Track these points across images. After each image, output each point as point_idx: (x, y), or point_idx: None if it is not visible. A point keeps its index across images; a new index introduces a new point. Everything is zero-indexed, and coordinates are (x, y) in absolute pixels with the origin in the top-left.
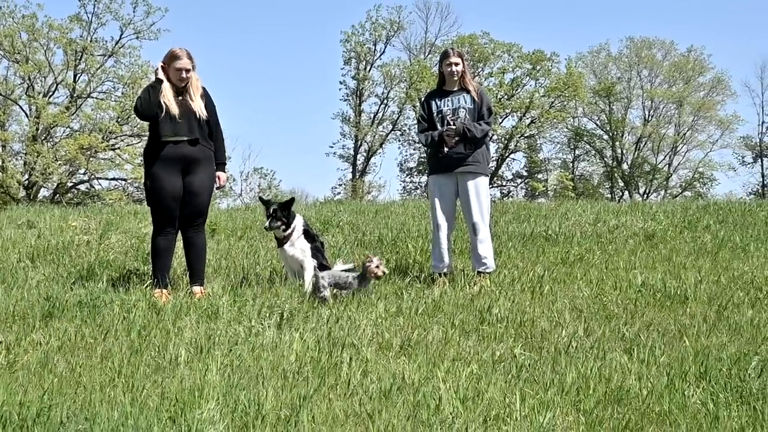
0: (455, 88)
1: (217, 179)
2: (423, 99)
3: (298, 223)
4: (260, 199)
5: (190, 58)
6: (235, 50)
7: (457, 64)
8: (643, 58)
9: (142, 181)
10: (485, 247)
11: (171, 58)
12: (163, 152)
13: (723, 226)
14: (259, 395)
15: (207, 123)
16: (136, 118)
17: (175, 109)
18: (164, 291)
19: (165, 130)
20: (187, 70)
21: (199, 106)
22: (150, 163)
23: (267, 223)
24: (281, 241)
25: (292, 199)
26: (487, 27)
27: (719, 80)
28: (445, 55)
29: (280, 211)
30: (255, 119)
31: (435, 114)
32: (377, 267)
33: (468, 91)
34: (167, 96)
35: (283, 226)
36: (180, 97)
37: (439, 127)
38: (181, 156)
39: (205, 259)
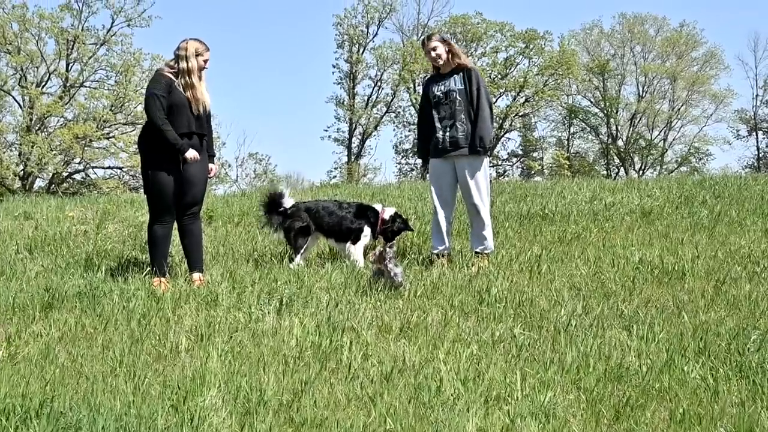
0: (448, 71)
1: (209, 170)
2: (423, 85)
3: None
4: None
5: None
6: (227, 35)
7: (435, 49)
8: (636, 34)
9: (140, 168)
10: (485, 228)
11: (196, 51)
12: (175, 158)
13: (719, 200)
14: (261, 381)
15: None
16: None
17: (199, 105)
18: (163, 279)
19: (181, 124)
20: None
21: (208, 101)
22: (153, 151)
23: None
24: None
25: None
26: (479, 7)
27: (712, 54)
28: (422, 45)
29: None
30: (249, 104)
31: (432, 99)
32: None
33: (459, 73)
34: (193, 90)
35: None
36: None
37: (434, 113)
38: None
39: (202, 246)
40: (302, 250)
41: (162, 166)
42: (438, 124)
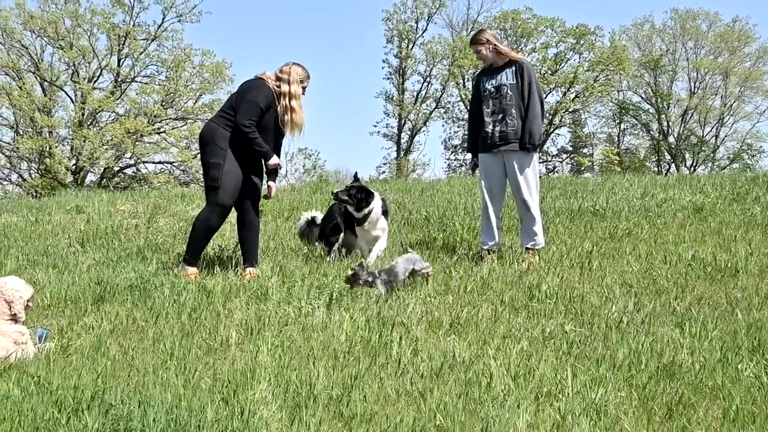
0: (501, 64)
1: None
2: (474, 79)
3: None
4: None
5: None
6: (275, 30)
7: (479, 52)
8: (688, 30)
9: (214, 161)
10: (535, 224)
11: (300, 78)
12: (253, 155)
13: None
14: (311, 375)
15: None
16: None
17: (295, 130)
18: (196, 271)
19: (266, 142)
20: None
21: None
22: (233, 145)
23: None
24: (360, 221)
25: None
26: (530, 2)
27: (766, 50)
28: (470, 43)
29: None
30: None
31: (482, 92)
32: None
33: (512, 67)
34: (293, 114)
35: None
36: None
37: (483, 108)
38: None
39: (258, 241)
40: (334, 247)
41: (238, 160)
42: (487, 119)
